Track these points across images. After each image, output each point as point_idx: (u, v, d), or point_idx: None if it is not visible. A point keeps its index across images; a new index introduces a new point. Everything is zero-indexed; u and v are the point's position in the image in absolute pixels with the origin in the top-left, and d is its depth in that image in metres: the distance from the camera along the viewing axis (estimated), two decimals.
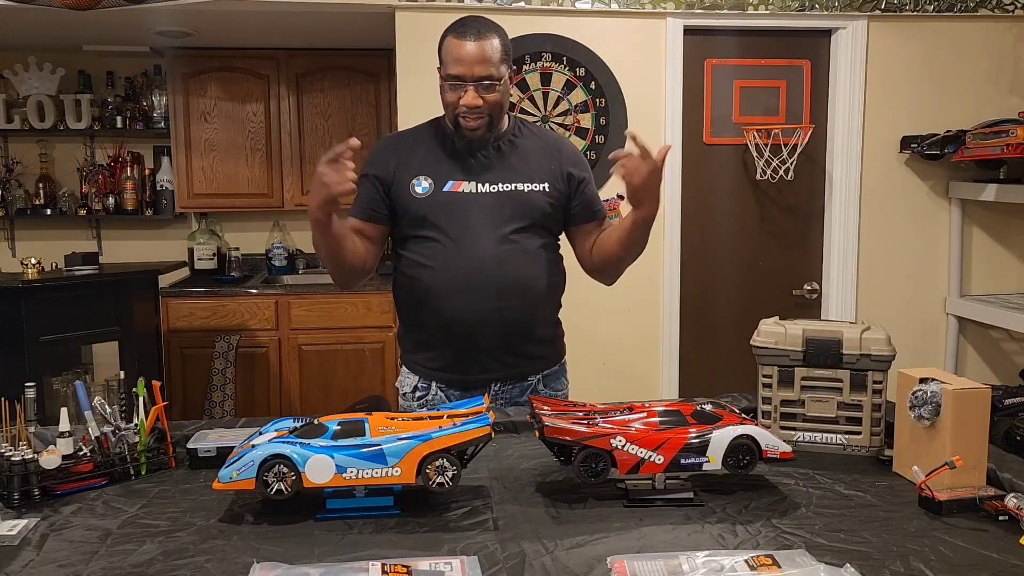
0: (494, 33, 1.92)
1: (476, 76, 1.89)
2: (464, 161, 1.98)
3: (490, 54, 1.89)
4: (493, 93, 1.91)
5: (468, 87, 1.89)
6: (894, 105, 3.62)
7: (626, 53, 3.50)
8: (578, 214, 2.08)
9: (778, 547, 1.24)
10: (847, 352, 1.67)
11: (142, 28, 3.91)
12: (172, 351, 4.27)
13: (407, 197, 1.98)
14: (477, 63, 1.88)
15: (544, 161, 2.03)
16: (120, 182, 4.61)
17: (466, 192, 1.97)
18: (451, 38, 1.91)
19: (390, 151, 2.04)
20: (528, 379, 2.07)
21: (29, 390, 1.65)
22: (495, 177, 1.98)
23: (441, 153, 2.00)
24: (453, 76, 1.90)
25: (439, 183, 1.97)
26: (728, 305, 3.72)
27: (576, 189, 2.06)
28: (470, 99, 1.89)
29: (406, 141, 2.06)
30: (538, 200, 2.00)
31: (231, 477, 1.35)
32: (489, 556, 1.21)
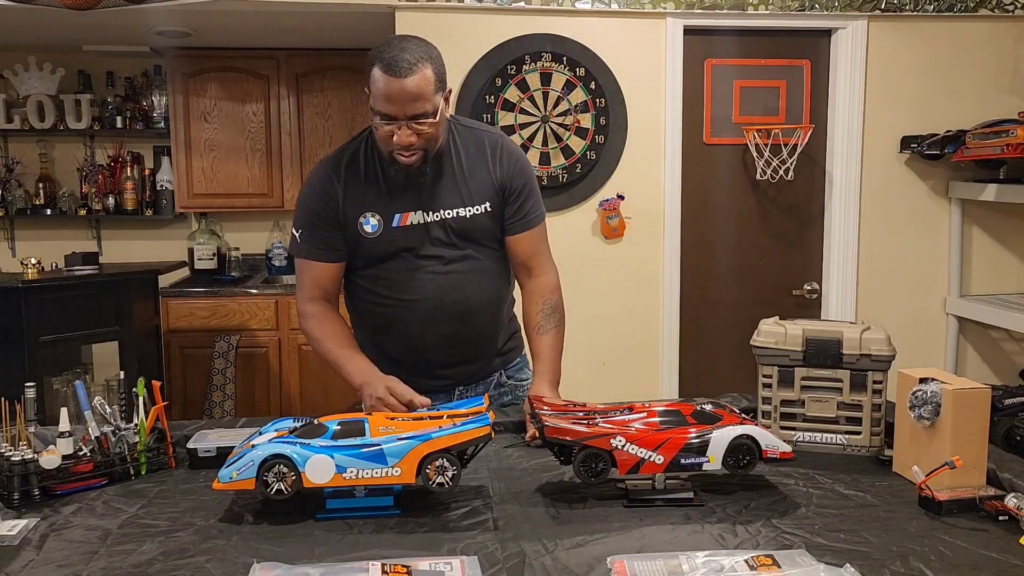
0: (425, 62, 1.75)
1: (408, 114, 1.75)
2: (406, 188, 1.89)
3: (422, 89, 1.74)
4: (428, 128, 1.79)
5: (401, 124, 1.76)
6: (894, 105, 3.62)
7: (626, 53, 3.50)
8: (508, 226, 1.99)
9: (778, 547, 1.24)
10: (847, 352, 1.67)
11: (142, 28, 3.91)
12: (172, 351, 4.27)
13: (356, 235, 1.91)
14: (409, 101, 1.74)
15: (483, 175, 1.94)
16: (120, 182, 4.61)
17: (414, 224, 1.90)
18: (379, 71, 1.75)
19: (334, 184, 1.91)
20: (491, 376, 2.08)
21: (29, 390, 1.65)
22: (440, 203, 1.91)
23: (383, 182, 1.90)
24: (383, 113, 1.77)
25: (387, 218, 1.89)
26: (728, 305, 3.72)
27: (511, 200, 1.97)
28: (403, 138, 1.77)
29: (346, 170, 1.92)
30: (482, 222, 1.94)
31: (231, 477, 1.35)
32: (489, 556, 1.21)
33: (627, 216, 3.56)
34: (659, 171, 3.56)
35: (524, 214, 1.99)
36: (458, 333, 1.96)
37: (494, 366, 2.08)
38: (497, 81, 3.42)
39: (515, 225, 1.99)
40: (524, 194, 1.99)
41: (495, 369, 2.08)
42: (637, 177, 3.55)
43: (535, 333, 2.00)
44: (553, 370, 1.96)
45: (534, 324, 2.00)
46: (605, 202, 3.54)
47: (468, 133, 1.98)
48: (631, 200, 3.55)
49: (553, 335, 1.99)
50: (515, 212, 1.98)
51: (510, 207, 1.98)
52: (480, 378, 2.06)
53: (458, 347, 1.98)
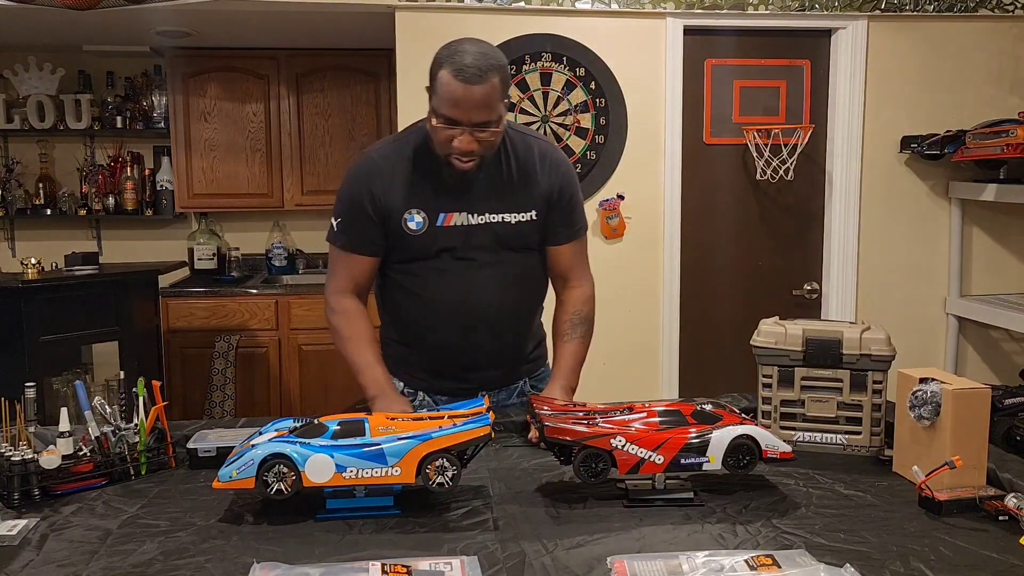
0: (494, 71, 1.71)
1: (472, 122, 1.73)
2: (454, 187, 1.87)
3: (490, 98, 1.72)
4: (490, 136, 1.77)
5: (464, 130, 1.74)
6: (894, 105, 3.62)
7: (626, 53, 3.50)
8: (551, 236, 1.99)
9: (778, 547, 1.24)
10: (847, 352, 1.67)
11: (142, 28, 3.91)
12: (172, 351, 4.27)
13: (399, 231, 1.89)
14: (475, 108, 1.71)
15: (533, 184, 1.93)
16: (120, 182, 4.61)
17: (458, 225, 1.88)
18: (448, 75, 1.70)
19: (381, 176, 1.89)
20: (516, 383, 2.08)
21: (29, 390, 1.64)
22: (485, 207, 1.89)
23: (430, 178, 1.87)
24: (447, 117, 1.74)
25: (432, 216, 1.88)
26: (728, 305, 3.72)
27: (556, 211, 1.96)
28: (464, 144, 1.75)
29: (394, 164, 1.90)
30: (525, 230, 1.94)
31: (231, 476, 1.35)
32: (489, 556, 1.21)
33: (627, 216, 3.56)
34: (659, 171, 3.56)
35: (568, 225, 1.99)
36: (486, 338, 1.95)
37: (519, 373, 2.07)
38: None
39: (559, 236, 1.98)
40: (571, 205, 1.99)
41: (520, 376, 2.08)
42: (637, 177, 3.55)
43: (560, 340, 2.00)
44: (568, 376, 1.95)
45: (561, 331, 2.00)
46: (605, 202, 3.54)
47: (519, 138, 1.95)
48: (631, 200, 3.55)
49: (577, 344, 1.98)
50: (560, 223, 1.97)
51: (555, 217, 1.96)
52: (504, 384, 2.05)
53: (484, 352, 1.98)
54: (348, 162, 4.56)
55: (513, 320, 1.99)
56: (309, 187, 4.58)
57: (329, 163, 4.57)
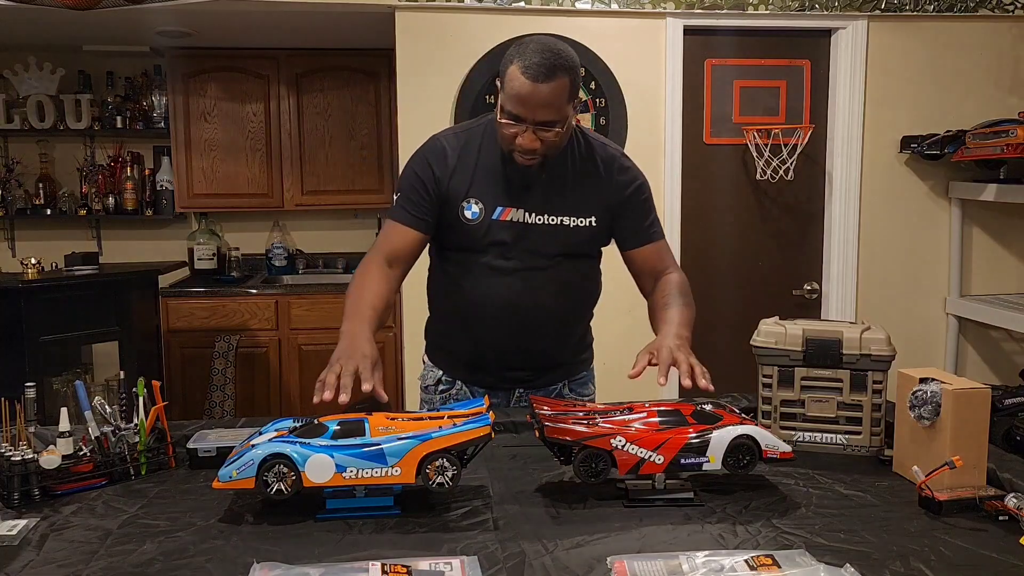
0: (564, 71, 1.69)
1: (537, 120, 1.71)
2: (515, 183, 1.86)
3: (557, 97, 1.69)
4: (554, 136, 1.75)
5: (527, 127, 1.73)
6: (894, 105, 3.62)
7: (626, 53, 3.50)
8: (628, 239, 1.96)
9: (778, 547, 1.24)
10: (847, 352, 1.67)
11: (142, 28, 3.92)
12: (172, 351, 4.27)
13: (455, 219, 1.88)
14: (540, 107, 1.70)
15: (595, 190, 1.90)
16: (120, 182, 4.61)
17: (514, 221, 1.87)
18: (517, 71, 1.69)
19: (447, 159, 1.88)
20: (555, 385, 2.06)
21: (29, 390, 1.64)
22: (543, 207, 1.87)
23: (492, 170, 1.87)
24: (512, 114, 1.73)
25: (489, 209, 1.86)
26: (728, 305, 3.72)
27: (626, 216, 1.94)
28: (527, 141, 1.74)
29: (461, 150, 1.89)
30: (584, 236, 1.91)
31: (231, 476, 1.35)
32: (489, 556, 1.21)
33: None
34: (659, 171, 3.56)
35: (646, 227, 1.95)
36: (524, 340, 1.94)
37: (556, 376, 2.06)
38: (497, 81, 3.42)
39: (637, 237, 1.95)
40: (642, 210, 1.95)
41: (558, 379, 2.06)
42: None
43: (658, 311, 1.87)
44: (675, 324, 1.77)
45: (659, 305, 1.88)
46: None
47: (590, 144, 1.93)
48: None
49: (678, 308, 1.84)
50: (634, 225, 1.94)
51: (628, 221, 1.93)
52: (541, 386, 2.03)
53: (521, 353, 1.97)
54: (349, 162, 4.57)
55: (557, 326, 1.97)
56: (309, 187, 4.58)
57: (329, 163, 4.57)
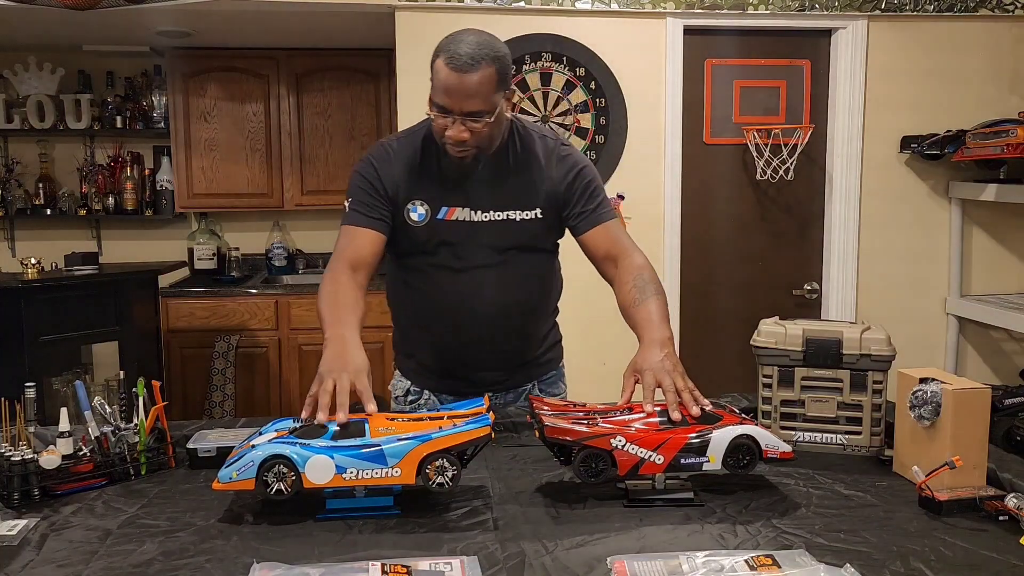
0: (490, 60, 1.70)
1: (464, 111, 1.72)
2: (457, 182, 1.86)
3: (482, 86, 1.70)
4: (483, 127, 1.74)
5: (455, 119, 1.73)
6: (894, 105, 3.62)
7: (626, 53, 3.50)
8: (577, 225, 1.94)
9: (778, 547, 1.24)
10: (847, 352, 1.67)
11: (142, 28, 3.92)
12: (172, 351, 4.27)
13: (403, 222, 1.88)
14: (466, 97, 1.70)
15: (539, 181, 1.90)
16: (120, 182, 4.61)
17: (460, 220, 1.87)
18: (442, 62, 1.71)
19: (391, 162, 1.89)
20: (523, 387, 2.06)
21: (29, 390, 1.64)
22: (489, 203, 1.87)
23: (435, 172, 1.88)
24: (439, 106, 1.74)
25: (434, 209, 1.87)
26: (728, 305, 3.72)
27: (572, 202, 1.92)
28: (455, 132, 1.74)
29: (403, 154, 1.90)
30: (531, 228, 1.90)
31: (231, 477, 1.35)
32: (489, 556, 1.21)
33: (627, 216, 3.56)
34: (659, 171, 3.56)
35: (593, 209, 1.93)
36: (487, 337, 1.93)
37: (527, 376, 2.05)
38: None
39: (586, 221, 1.92)
40: (590, 191, 1.92)
41: (529, 379, 2.06)
42: (637, 177, 3.55)
43: (631, 309, 1.79)
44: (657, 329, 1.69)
45: (629, 300, 1.81)
46: None
47: (527, 135, 1.94)
48: (631, 200, 3.54)
49: (652, 301, 1.77)
50: (582, 209, 1.92)
51: (575, 207, 1.92)
52: (509, 387, 2.03)
53: (485, 353, 1.96)
54: (348, 162, 4.56)
55: (515, 321, 1.96)
56: (309, 187, 4.58)
57: (329, 163, 4.57)
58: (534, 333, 2.04)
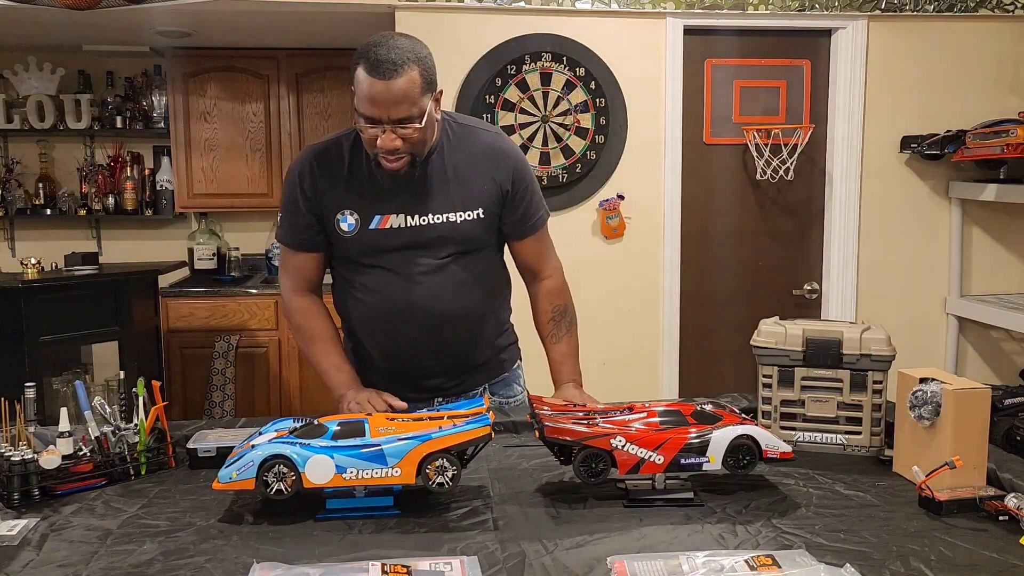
0: (412, 64, 1.66)
1: (392, 118, 1.67)
2: (390, 189, 1.81)
3: (408, 92, 1.65)
4: (413, 133, 1.70)
5: (385, 128, 1.68)
6: (894, 105, 3.62)
7: (626, 53, 3.50)
8: (511, 232, 1.94)
9: (778, 547, 1.24)
10: (847, 352, 1.67)
11: (142, 28, 3.91)
12: (172, 351, 4.27)
13: (333, 231, 1.85)
14: (392, 104, 1.65)
15: (478, 181, 1.85)
16: (120, 182, 4.61)
17: (394, 227, 1.82)
18: (363, 71, 1.65)
19: (315, 174, 1.85)
20: (474, 391, 2.00)
21: (29, 390, 1.65)
22: (425, 207, 1.82)
23: (364, 179, 1.82)
24: (367, 116, 1.69)
25: (364, 219, 1.82)
26: (728, 305, 3.72)
27: (511, 206, 1.90)
28: (387, 142, 1.69)
29: (329, 161, 1.85)
30: (472, 229, 1.86)
31: (231, 477, 1.35)
32: (489, 556, 1.21)
33: (627, 216, 3.56)
34: (659, 171, 3.56)
35: (528, 218, 1.93)
36: (432, 343, 1.89)
37: (475, 380, 2.00)
38: (497, 81, 3.42)
39: (521, 230, 1.94)
40: (527, 197, 1.92)
41: (477, 383, 2.00)
42: (637, 177, 3.55)
43: (548, 342, 2.00)
44: (573, 376, 1.96)
45: (546, 333, 2.00)
46: (605, 202, 3.54)
47: (464, 133, 1.89)
48: (631, 200, 3.55)
49: (566, 342, 1.98)
50: (520, 218, 1.92)
51: (513, 213, 1.91)
52: (460, 392, 1.98)
53: (432, 358, 1.92)
54: None
55: (461, 325, 1.91)
56: None
57: None
58: (483, 336, 1.98)
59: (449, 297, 1.87)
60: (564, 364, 1.96)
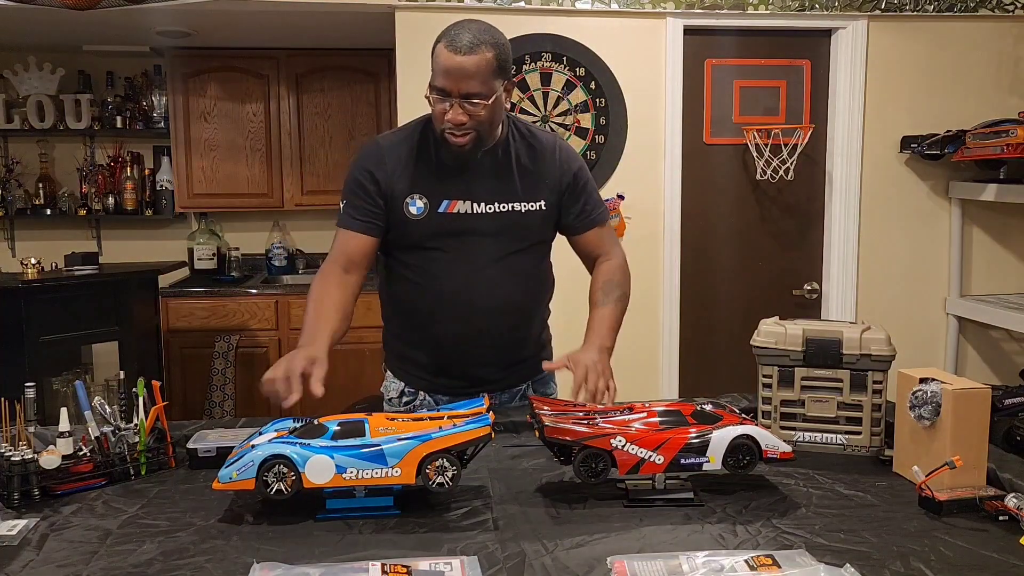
0: (489, 46, 1.74)
1: (462, 92, 1.74)
2: (458, 175, 1.88)
3: (480, 69, 1.73)
4: (480, 110, 1.77)
5: (453, 102, 1.75)
6: (894, 105, 3.62)
7: (626, 53, 3.50)
8: (574, 224, 2.00)
9: (778, 547, 1.24)
10: (847, 352, 1.67)
11: (142, 28, 3.91)
12: (172, 351, 4.26)
13: (401, 216, 1.88)
14: (464, 78, 1.73)
15: (542, 174, 1.94)
16: (120, 182, 4.61)
17: (462, 213, 1.88)
18: (442, 46, 1.75)
19: (384, 160, 1.90)
20: (518, 387, 2.06)
21: (29, 390, 1.65)
22: (491, 195, 1.89)
23: (434, 165, 1.89)
24: (439, 88, 1.76)
25: (434, 203, 1.88)
26: (728, 305, 3.72)
27: (573, 200, 1.98)
28: (454, 115, 1.76)
29: (398, 149, 1.92)
30: (535, 220, 1.93)
31: (231, 477, 1.35)
32: (489, 556, 1.21)
33: (627, 216, 3.56)
34: (659, 171, 3.56)
35: (591, 210, 2.00)
36: (483, 333, 1.93)
37: (522, 375, 2.05)
38: None
39: (583, 223, 2.00)
40: (588, 191, 2.00)
41: (523, 379, 2.05)
42: (637, 177, 3.55)
43: (593, 308, 1.95)
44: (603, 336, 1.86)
45: (594, 299, 1.97)
46: (605, 202, 3.53)
47: (527, 131, 1.97)
48: (631, 200, 3.55)
49: (611, 307, 1.92)
50: (581, 210, 1.99)
51: (575, 206, 1.98)
52: (506, 386, 2.03)
53: (482, 348, 1.96)
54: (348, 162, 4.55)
55: (515, 315, 1.97)
56: (309, 187, 4.58)
57: (329, 163, 4.57)
58: (532, 330, 2.05)
59: (510, 287, 1.92)
60: (600, 325, 1.89)
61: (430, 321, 1.95)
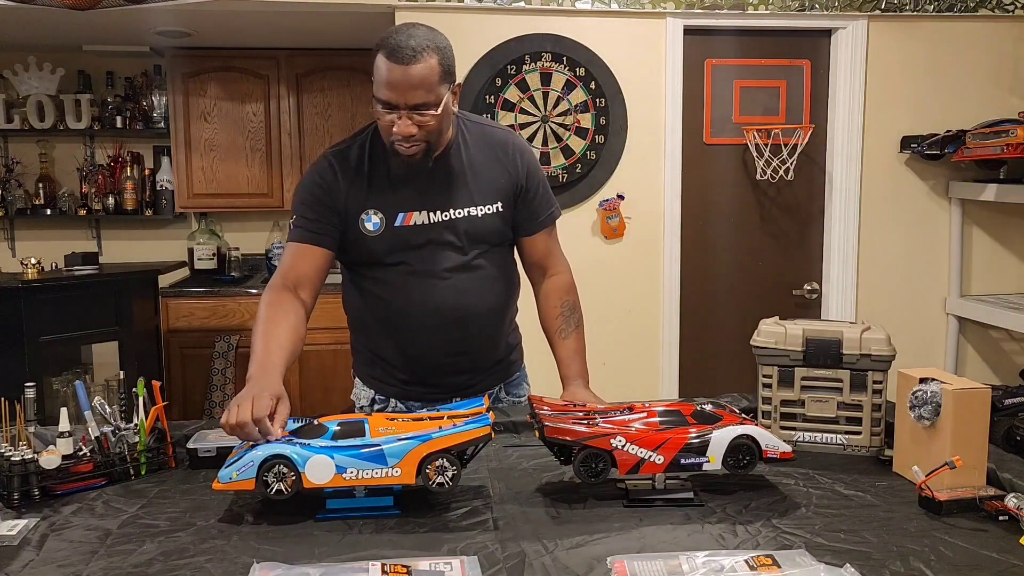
0: (431, 52, 1.68)
1: (409, 103, 1.68)
2: (410, 185, 1.83)
3: (425, 78, 1.67)
4: (430, 120, 1.71)
5: (401, 113, 1.69)
6: (894, 105, 3.62)
7: (626, 53, 3.50)
8: (524, 226, 1.96)
9: (778, 547, 1.24)
10: (847, 352, 1.67)
11: (142, 28, 3.91)
12: (172, 351, 4.27)
13: (358, 233, 1.84)
14: (410, 89, 1.67)
15: (495, 174, 1.89)
16: (120, 182, 4.61)
17: (419, 224, 1.84)
18: (383, 57, 1.68)
19: (337, 177, 1.85)
20: (490, 390, 2.03)
21: (29, 390, 1.64)
22: (446, 202, 1.84)
23: (386, 177, 1.84)
24: (384, 101, 1.70)
25: (389, 217, 1.83)
26: (728, 305, 3.72)
27: (525, 202, 1.93)
28: (403, 127, 1.70)
29: (349, 162, 1.86)
30: (493, 223, 1.89)
31: (231, 477, 1.35)
32: (489, 556, 1.21)
33: (627, 216, 3.56)
34: (659, 171, 3.56)
35: (539, 214, 1.97)
36: (455, 341, 1.90)
37: (493, 379, 2.03)
38: (497, 81, 3.43)
39: (532, 225, 1.96)
40: (539, 192, 1.95)
41: (494, 383, 2.03)
42: (637, 177, 3.55)
43: (557, 337, 1.98)
44: (582, 373, 1.94)
45: (554, 328, 1.98)
46: (605, 202, 3.54)
47: (477, 130, 1.92)
48: (631, 200, 3.55)
49: (575, 338, 1.98)
50: (531, 213, 1.95)
51: (525, 208, 1.94)
52: (477, 392, 1.98)
53: (454, 356, 1.93)
54: None
55: (486, 320, 1.93)
56: None
57: None
58: (500, 333, 2.01)
59: (473, 294, 1.89)
60: (573, 361, 1.95)
61: (398, 333, 1.92)
